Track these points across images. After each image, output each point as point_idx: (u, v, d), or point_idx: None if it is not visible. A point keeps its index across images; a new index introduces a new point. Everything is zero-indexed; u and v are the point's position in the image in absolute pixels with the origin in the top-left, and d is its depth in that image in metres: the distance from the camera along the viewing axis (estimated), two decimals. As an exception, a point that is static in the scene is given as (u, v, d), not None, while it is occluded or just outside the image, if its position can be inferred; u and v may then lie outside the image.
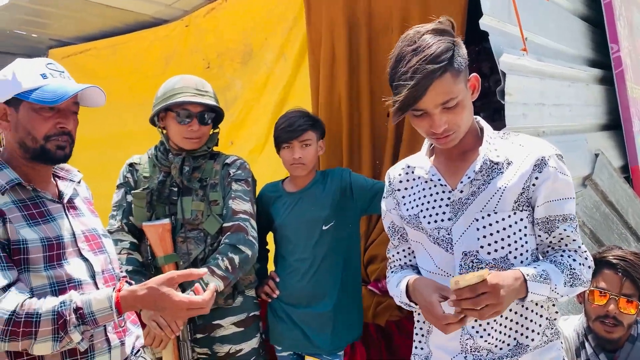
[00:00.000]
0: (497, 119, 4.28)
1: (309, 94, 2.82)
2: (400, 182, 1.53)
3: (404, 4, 2.57)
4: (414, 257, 1.56)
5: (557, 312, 1.45)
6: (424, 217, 1.44)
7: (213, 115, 2.15)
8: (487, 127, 1.44)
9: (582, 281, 1.35)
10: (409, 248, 1.57)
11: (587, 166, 3.05)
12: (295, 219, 2.18)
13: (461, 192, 1.38)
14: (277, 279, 2.20)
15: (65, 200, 1.50)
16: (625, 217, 3.09)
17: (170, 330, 1.91)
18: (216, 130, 2.24)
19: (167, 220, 2.07)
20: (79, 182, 1.64)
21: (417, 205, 1.46)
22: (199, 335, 2.12)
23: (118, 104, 3.33)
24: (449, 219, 1.39)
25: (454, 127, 1.32)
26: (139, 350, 1.58)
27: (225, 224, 2.07)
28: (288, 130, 2.12)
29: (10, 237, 1.33)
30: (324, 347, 2.14)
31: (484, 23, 2.32)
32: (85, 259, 1.46)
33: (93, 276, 1.46)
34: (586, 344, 1.90)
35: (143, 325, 1.82)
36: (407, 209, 1.49)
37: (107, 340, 1.44)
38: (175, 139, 2.12)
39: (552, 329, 1.43)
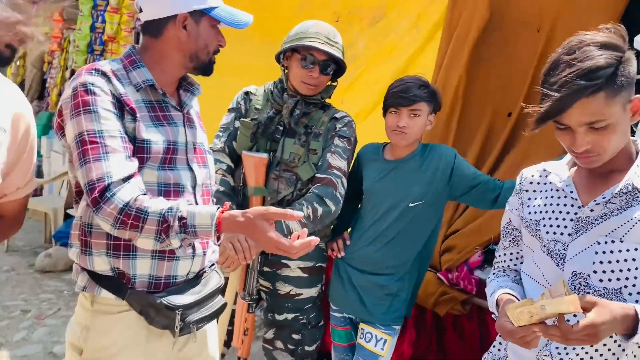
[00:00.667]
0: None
1: (431, 72, 2.77)
2: (531, 183, 1.47)
3: (555, 3, 2.45)
4: (521, 262, 1.51)
5: None
6: (544, 225, 1.37)
7: (335, 67, 2.17)
8: None
9: None
10: (518, 253, 1.53)
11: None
12: (384, 187, 2.12)
13: (591, 210, 1.28)
14: (348, 242, 2.20)
15: (185, 110, 1.59)
16: None
17: (243, 257, 2.01)
18: (334, 83, 2.27)
19: (265, 155, 2.15)
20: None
21: (540, 212, 1.39)
22: (266, 269, 2.21)
23: (246, 37, 3.43)
24: (569, 235, 1.31)
25: (598, 149, 1.22)
26: (213, 264, 1.67)
27: (318, 175, 2.12)
28: (400, 95, 2.02)
29: (137, 135, 1.42)
30: (379, 318, 2.12)
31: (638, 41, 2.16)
32: (191, 169, 1.54)
33: (194, 187, 1.54)
34: None
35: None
36: (530, 212, 1.43)
37: (194, 247, 1.53)
38: (293, 81, 2.16)
39: None
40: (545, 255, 1.35)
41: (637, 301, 1.22)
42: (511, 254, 1.55)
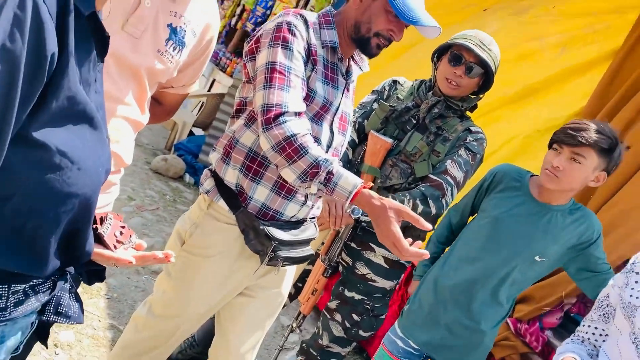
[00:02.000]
0: None
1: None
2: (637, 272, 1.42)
3: None
4: (603, 340, 1.48)
5: None
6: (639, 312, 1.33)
7: (482, 72, 2.13)
8: None
9: None
10: (604, 330, 1.49)
11: None
12: (519, 227, 1.86)
13: None
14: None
15: (349, 80, 1.72)
16: None
17: (333, 222, 2.10)
18: (480, 96, 2.25)
19: (390, 140, 2.20)
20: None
21: (635, 296, 1.36)
22: (352, 245, 2.28)
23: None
24: None
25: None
26: (314, 217, 1.80)
27: (432, 175, 2.14)
28: (569, 133, 1.73)
29: (309, 83, 1.57)
30: None
31: None
32: (332, 131, 1.68)
33: (328, 147, 1.68)
34: None
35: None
36: (632, 295, 1.39)
37: (305, 197, 1.67)
38: (438, 78, 2.18)
39: None
40: (631, 343, 1.31)
41: None
42: (596, 328, 1.51)
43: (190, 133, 6.32)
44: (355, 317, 2.29)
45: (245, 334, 1.76)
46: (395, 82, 2.37)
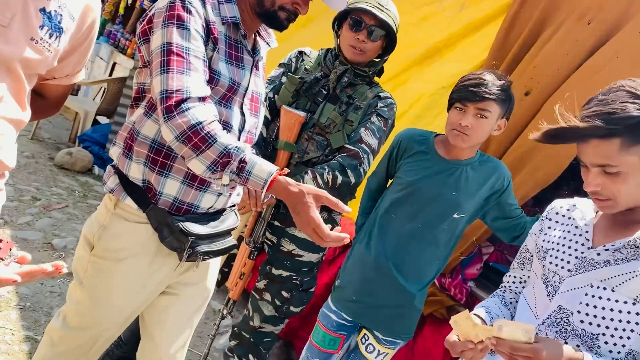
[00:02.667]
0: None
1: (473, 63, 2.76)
2: (557, 214, 1.48)
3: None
4: (523, 287, 1.54)
5: None
6: (551, 255, 1.39)
7: (383, 33, 2.13)
8: None
9: None
10: (522, 277, 1.56)
11: None
12: (432, 188, 1.87)
13: (598, 254, 1.29)
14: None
15: (256, 58, 1.62)
16: None
17: (254, 203, 2.06)
18: (385, 58, 2.25)
19: (303, 114, 2.16)
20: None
21: (553, 242, 1.42)
22: (276, 223, 2.25)
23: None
24: (569, 270, 1.32)
25: (609, 194, 1.22)
26: (234, 205, 1.72)
27: (347, 145, 2.13)
28: (471, 90, 1.74)
29: (211, 64, 1.46)
30: (388, 334, 1.95)
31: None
32: (243, 114, 1.58)
33: (241, 131, 1.58)
34: None
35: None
36: (544, 240, 1.45)
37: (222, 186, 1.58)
38: (342, 46, 2.16)
39: None
40: (542, 283, 1.38)
41: (610, 351, 1.23)
42: (515, 277, 1.58)
43: (95, 122, 5.99)
44: (284, 294, 2.28)
45: (173, 334, 1.69)
46: (301, 53, 2.32)
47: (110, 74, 6.69)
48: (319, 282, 2.55)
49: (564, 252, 1.37)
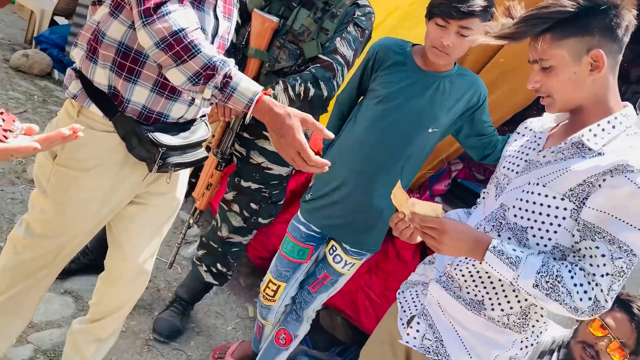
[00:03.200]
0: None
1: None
2: (525, 127, 1.50)
3: None
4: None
5: (544, 322, 1.40)
6: (507, 161, 1.43)
7: None
8: (623, 116, 1.28)
9: (562, 300, 1.20)
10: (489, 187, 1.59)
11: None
12: (408, 100, 1.82)
13: (544, 156, 1.32)
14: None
15: None
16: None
17: (222, 112, 1.99)
18: None
19: (276, 19, 2.05)
20: None
21: (512, 149, 1.45)
22: (245, 135, 2.20)
23: None
24: (516, 172, 1.37)
25: (546, 90, 1.28)
26: (205, 115, 1.64)
27: (322, 56, 2.04)
28: (454, 6, 1.65)
29: None
30: (356, 247, 1.97)
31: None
32: (217, 17, 1.46)
33: (214, 36, 1.47)
34: (554, 354, 1.94)
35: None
36: (506, 150, 1.49)
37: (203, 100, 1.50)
38: None
39: (520, 321, 1.37)
40: (494, 186, 1.44)
41: (537, 244, 1.28)
42: (484, 191, 1.60)
43: (53, 23, 5.62)
44: (253, 206, 2.27)
45: (141, 243, 1.66)
46: None
47: (68, -30, 6.22)
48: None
49: (516, 157, 1.41)
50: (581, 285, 1.19)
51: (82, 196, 1.48)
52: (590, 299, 1.18)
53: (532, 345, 1.42)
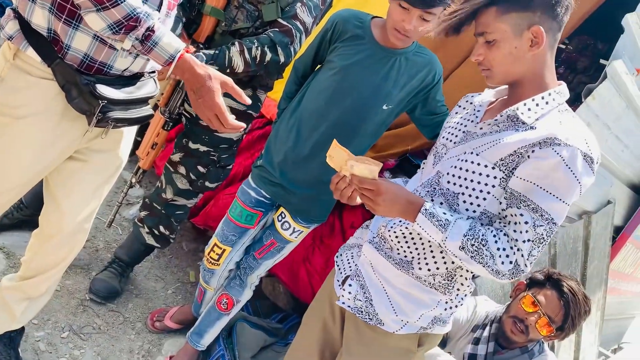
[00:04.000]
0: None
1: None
2: (466, 101, 1.53)
3: None
4: None
5: (468, 286, 1.46)
6: (446, 132, 1.49)
7: None
8: (557, 93, 1.33)
9: (485, 262, 1.26)
10: None
11: (595, 205, 3.06)
12: (364, 74, 1.80)
13: (480, 128, 1.38)
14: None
15: None
16: (587, 265, 3.17)
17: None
18: None
19: (235, -24, 1.98)
20: None
21: (452, 121, 1.50)
22: (194, 94, 2.12)
23: None
24: (454, 143, 1.42)
25: (487, 63, 1.33)
26: (154, 72, 1.56)
27: (280, 20, 1.99)
28: None
29: None
30: (305, 216, 1.97)
31: (628, 20, 2.17)
32: None
33: None
34: (487, 328, 2.01)
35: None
36: (448, 121, 1.54)
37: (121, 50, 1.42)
38: None
39: (445, 282, 1.43)
40: (432, 155, 1.49)
41: (467, 210, 1.35)
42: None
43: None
44: (200, 168, 2.21)
45: (81, 201, 1.59)
46: None
47: None
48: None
49: (455, 128, 1.46)
50: (504, 249, 1.26)
51: (15, 145, 1.40)
52: (511, 262, 1.26)
53: (456, 307, 1.49)
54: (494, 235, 1.27)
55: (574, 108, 2.32)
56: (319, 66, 1.97)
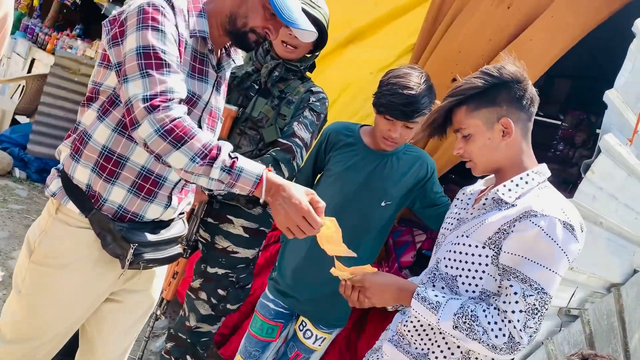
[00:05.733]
0: (563, 189, 4.23)
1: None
2: (463, 193, 1.63)
3: None
4: None
5: None
6: (445, 222, 1.60)
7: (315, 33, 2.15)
8: (535, 173, 1.42)
9: (480, 338, 1.29)
10: None
11: (621, 276, 3.00)
12: (360, 177, 1.93)
13: (471, 213, 1.48)
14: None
15: (220, 73, 1.59)
16: (627, 339, 3.04)
17: None
18: (316, 54, 2.26)
19: (235, 108, 2.14)
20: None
21: (450, 212, 1.61)
22: (209, 220, 2.22)
23: None
24: (450, 230, 1.52)
25: (467, 155, 1.46)
26: (183, 213, 1.67)
27: (281, 139, 2.12)
28: (402, 110, 1.78)
29: None
30: (326, 321, 1.99)
31: (609, 96, 2.27)
32: (200, 126, 1.53)
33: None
34: None
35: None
36: (447, 213, 1.64)
37: (170, 198, 1.53)
38: (274, 41, 2.14)
39: None
40: (435, 246, 1.58)
41: (467, 291, 1.39)
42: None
43: (14, 122, 5.66)
44: (221, 292, 2.25)
45: (114, 342, 1.64)
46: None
47: (29, 71, 6.34)
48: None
49: (451, 218, 1.57)
50: (495, 323, 1.29)
51: (57, 294, 1.47)
52: (504, 335, 1.28)
53: None
54: (484, 310, 1.31)
55: (579, 183, 2.39)
56: (319, 176, 2.08)
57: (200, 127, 1.52)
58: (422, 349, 1.46)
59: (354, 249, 1.89)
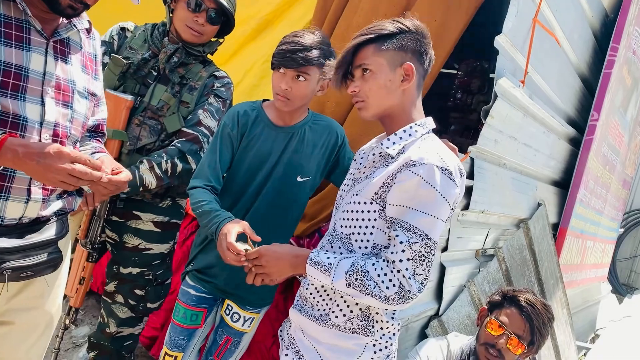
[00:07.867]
0: (466, 135, 4.40)
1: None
2: (357, 154, 1.63)
3: None
4: None
5: (392, 325, 1.49)
6: (343, 184, 1.60)
7: (223, 20, 2.04)
8: (419, 125, 1.45)
9: (372, 292, 1.31)
10: None
11: (527, 211, 3.18)
12: (273, 154, 1.85)
13: (363, 172, 1.49)
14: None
15: (53, 39, 1.38)
16: (539, 269, 3.25)
17: (85, 202, 1.85)
18: (220, 40, 2.15)
19: (131, 98, 1.98)
20: (88, 32, 1.52)
21: (347, 174, 1.61)
22: (114, 218, 2.07)
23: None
24: (346, 191, 1.54)
25: (362, 94, 1.44)
26: (63, 213, 1.49)
27: (185, 129, 2.00)
28: (287, 56, 1.72)
29: None
30: (251, 302, 1.94)
31: (499, 42, 2.33)
32: (43, 103, 1.34)
33: (41, 124, 1.34)
34: None
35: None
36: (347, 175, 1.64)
37: (29, 191, 1.35)
38: (177, 25, 2.01)
39: (364, 323, 1.45)
40: (335, 208, 1.58)
41: (360, 247, 1.43)
42: None
43: None
44: (138, 292, 2.13)
45: None
46: (123, 29, 2.11)
47: None
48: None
49: (347, 179, 1.58)
50: (385, 274, 1.31)
51: None
52: (394, 285, 1.30)
53: (386, 347, 1.48)
54: (373, 264, 1.33)
55: (480, 128, 2.47)
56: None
57: (43, 103, 1.34)
58: (324, 310, 1.48)
59: (273, 228, 1.88)
